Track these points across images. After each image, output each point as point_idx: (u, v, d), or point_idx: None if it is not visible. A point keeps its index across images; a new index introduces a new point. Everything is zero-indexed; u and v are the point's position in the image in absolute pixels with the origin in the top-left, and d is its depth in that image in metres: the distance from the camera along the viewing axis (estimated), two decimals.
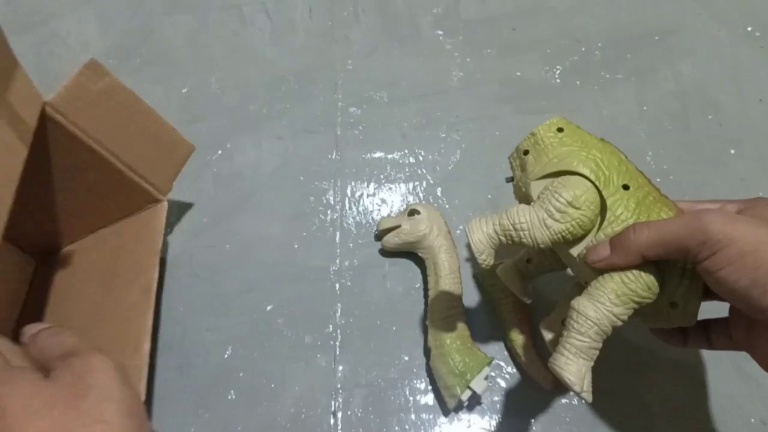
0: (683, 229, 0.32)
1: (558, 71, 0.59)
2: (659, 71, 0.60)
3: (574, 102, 0.58)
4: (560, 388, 0.45)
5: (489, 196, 0.53)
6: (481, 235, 0.35)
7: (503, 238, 0.35)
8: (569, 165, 0.36)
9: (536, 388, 0.45)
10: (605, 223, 0.35)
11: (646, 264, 0.33)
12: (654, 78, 0.59)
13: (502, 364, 0.46)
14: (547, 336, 0.40)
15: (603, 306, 0.33)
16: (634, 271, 0.33)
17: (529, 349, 0.45)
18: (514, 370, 0.46)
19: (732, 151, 0.56)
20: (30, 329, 0.34)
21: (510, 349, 0.47)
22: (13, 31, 0.60)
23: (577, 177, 0.36)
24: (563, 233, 0.35)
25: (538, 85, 0.59)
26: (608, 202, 0.35)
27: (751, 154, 0.55)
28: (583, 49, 0.61)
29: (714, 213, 0.32)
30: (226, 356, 0.46)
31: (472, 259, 0.50)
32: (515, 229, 0.35)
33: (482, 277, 0.49)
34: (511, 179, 0.40)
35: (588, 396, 0.33)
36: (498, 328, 0.48)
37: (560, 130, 0.38)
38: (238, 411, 0.45)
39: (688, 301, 0.35)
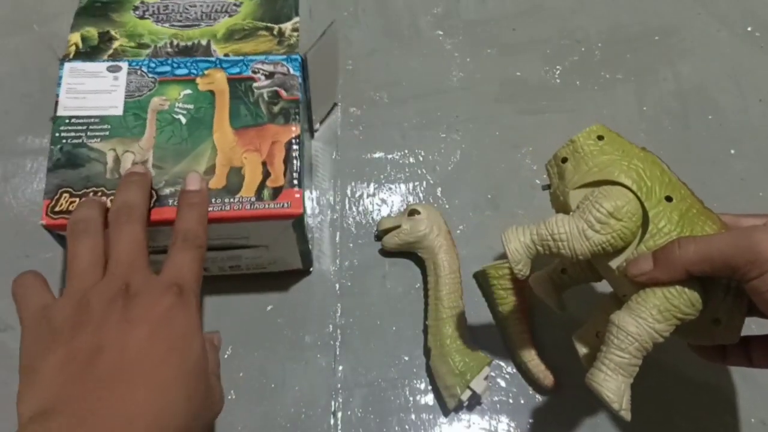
0: (732, 247, 0.31)
1: (558, 71, 0.59)
2: (659, 71, 0.60)
3: (574, 102, 0.58)
4: (560, 388, 0.45)
5: (489, 196, 0.53)
6: (518, 245, 0.34)
7: (541, 249, 0.34)
8: (610, 175, 0.35)
9: (536, 388, 0.45)
10: (647, 235, 0.34)
11: (689, 279, 0.32)
12: (654, 78, 0.59)
13: (502, 364, 0.46)
14: (582, 350, 0.40)
15: (645, 322, 0.32)
16: (677, 287, 0.32)
17: (529, 349, 0.45)
18: (514, 370, 0.46)
19: (732, 151, 0.56)
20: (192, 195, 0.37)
21: (510, 349, 0.47)
22: (13, 31, 0.60)
23: (619, 187, 0.35)
24: (603, 245, 0.34)
25: (538, 85, 0.59)
26: (650, 214, 0.34)
27: (751, 154, 0.55)
28: (583, 49, 0.61)
29: (764, 231, 0.31)
30: (226, 356, 0.46)
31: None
32: (554, 240, 0.34)
33: (482, 277, 0.49)
34: (547, 187, 0.39)
35: (627, 414, 0.32)
36: (498, 328, 0.48)
37: (600, 137, 0.37)
38: (238, 411, 0.45)
39: (731, 318, 0.34)
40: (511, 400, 0.45)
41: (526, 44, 0.61)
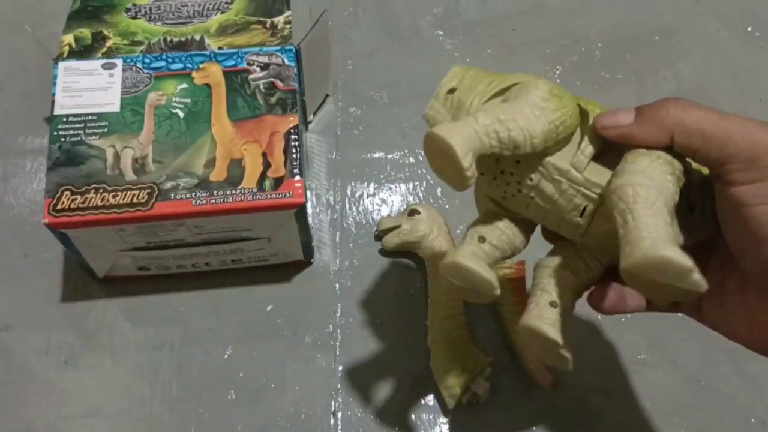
0: (741, 134, 0.26)
1: (558, 71, 0.59)
2: (659, 71, 0.60)
3: None
4: (560, 387, 0.45)
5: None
6: (461, 139, 0.27)
7: (486, 139, 0.28)
8: (521, 78, 0.32)
9: (536, 388, 0.45)
10: (590, 123, 0.31)
11: (669, 150, 0.28)
12: (654, 78, 0.59)
13: (502, 364, 0.46)
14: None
15: (657, 175, 0.27)
16: (660, 152, 0.28)
17: (529, 349, 0.45)
18: (514, 370, 0.46)
19: None
20: None
21: (510, 349, 0.47)
22: (13, 31, 0.60)
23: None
24: (556, 123, 0.29)
25: None
26: (581, 105, 0.31)
27: None
28: (583, 49, 0.61)
29: None
30: (226, 356, 0.46)
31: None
32: (500, 122, 0.28)
33: None
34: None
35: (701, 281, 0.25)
36: (498, 328, 0.48)
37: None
38: (238, 411, 0.45)
39: (704, 202, 0.31)
40: (511, 400, 0.45)
41: (526, 44, 0.61)
